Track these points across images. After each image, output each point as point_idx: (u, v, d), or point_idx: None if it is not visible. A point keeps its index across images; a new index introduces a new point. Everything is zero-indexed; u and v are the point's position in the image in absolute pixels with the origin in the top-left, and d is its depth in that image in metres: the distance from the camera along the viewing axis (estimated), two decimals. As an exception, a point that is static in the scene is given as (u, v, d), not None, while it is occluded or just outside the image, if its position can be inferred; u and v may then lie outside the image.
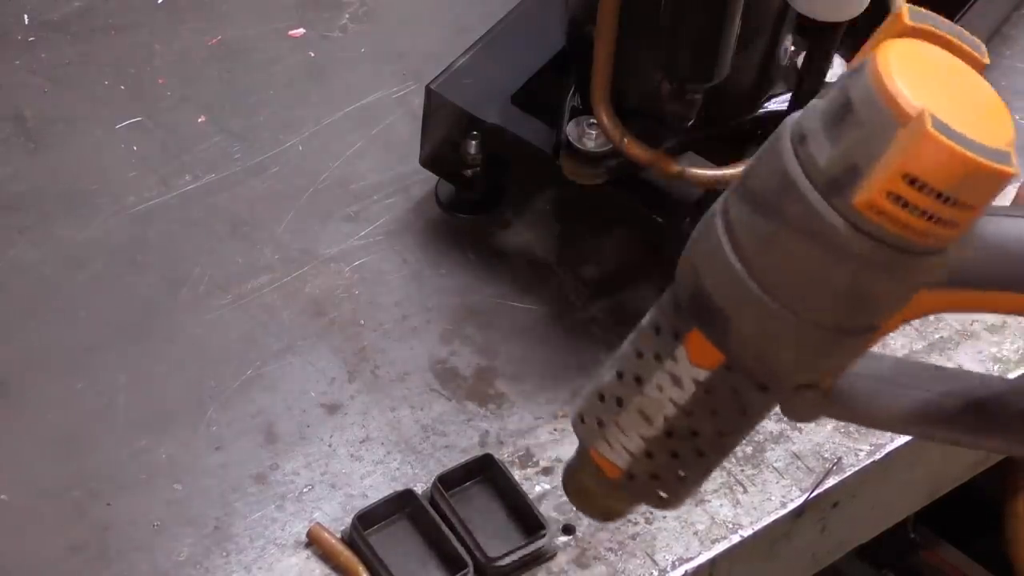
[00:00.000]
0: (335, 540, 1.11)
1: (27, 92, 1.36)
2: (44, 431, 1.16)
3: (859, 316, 0.78)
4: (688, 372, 0.82)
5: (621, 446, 0.85)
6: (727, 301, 0.78)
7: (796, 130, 0.76)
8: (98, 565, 1.10)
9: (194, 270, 1.26)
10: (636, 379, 0.84)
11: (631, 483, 0.86)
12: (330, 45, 1.41)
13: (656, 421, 0.83)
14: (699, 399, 0.82)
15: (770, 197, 0.76)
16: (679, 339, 0.81)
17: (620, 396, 0.85)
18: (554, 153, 1.19)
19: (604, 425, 0.85)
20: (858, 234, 0.74)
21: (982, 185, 0.73)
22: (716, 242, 0.78)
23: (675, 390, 0.82)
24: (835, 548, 1.25)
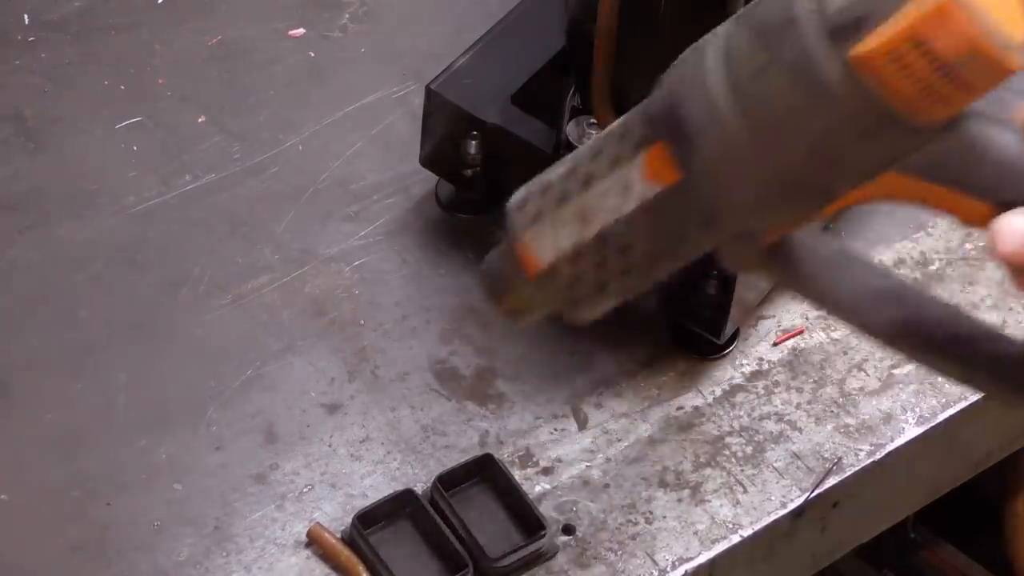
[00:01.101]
0: (335, 540, 1.11)
1: (27, 92, 1.36)
2: (44, 431, 1.16)
3: (825, 173, 0.77)
4: (639, 184, 0.80)
5: (551, 242, 0.84)
6: (700, 120, 0.77)
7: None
8: (98, 565, 1.10)
9: (194, 270, 1.26)
10: (585, 179, 0.82)
11: (548, 282, 0.85)
12: (330, 45, 1.41)
13: (593, 224, 0.82)
14: (642, 214, 0.81)
15: (772, 28, 0.75)
16: (640, 148, 0.80)
17: (565, 191, 0.83)
18: (554, 153, 1.19)
19: (539, 218, 0.84)
20: (848, 87, 0.73)
21: (985, 69, 0.72)
22: (703, 62, 0.78)
23: (621, 199, 0.81)
24: (835, 548, 1.25)
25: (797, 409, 1.21)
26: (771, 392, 1.22)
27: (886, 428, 1.21)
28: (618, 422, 1.20)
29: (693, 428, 1.20)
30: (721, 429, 1.20)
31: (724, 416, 1.20)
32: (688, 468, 1.18)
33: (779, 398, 1.22)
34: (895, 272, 0.90)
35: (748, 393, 1.22)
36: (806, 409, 1.21)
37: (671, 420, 1.20)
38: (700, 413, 1.21)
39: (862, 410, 1.21)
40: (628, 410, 1.20)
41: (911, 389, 1.23)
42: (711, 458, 1.18)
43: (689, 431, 1.20)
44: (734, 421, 1.20)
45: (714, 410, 1.21)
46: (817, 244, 0.84)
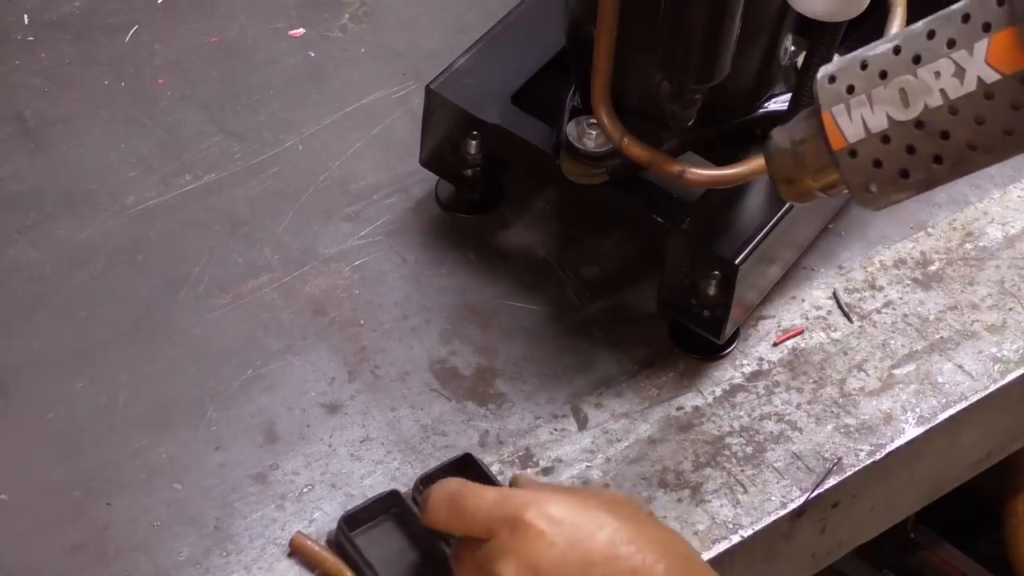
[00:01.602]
0: (318, 548, 1.11)
1: (27, 92, 1.36)
2: (44, 431, 1.16)
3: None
4: (978, 68, 0.77)
5: (861, 118, 0.80)
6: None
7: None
8: (98, 565, 1.10)
9: (194, 270, 1.26)
10: (914, 57, 0.78)
11: (850, 161, 0.81)
12: (330, 45, 1.41)
13: (914, 106, 0.78)
14: (973, 100, 0.77)
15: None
16: (987, 32, 0.76)
17: (887, 69, 0.79)
18: (554, 153, 1.19)
19: (854, 91, 0.80)
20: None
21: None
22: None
23: (953, 81, 0.77)
24: (835, 548, 1.25)
25: (797, 409, 1.21)
26: (771, 392, 1.22)
27: (886, 428, 1.21)
28: (618, 422, 1.20)
29: (693, 428, 1.20)
30: (721, 429, 1.20)
31: (724, 416, 1.20)
32: (688, 468, 1.18)
33: (779, 398, 1.22)
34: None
35: (748, 393, 1.22)
36: (806, 409, 1.21)
37: (671, 420, 1.20)
38: (700, 413, 1.21)
39: (862, 410, 1.21)
40: (628, 410, 1.20)
41: (911, 389, 1.23)
42: (711, 458, 1.18)
43: (689, 431, 1.20)
44: (734, 421, 1.20)
45: (714, 410, 1.21)
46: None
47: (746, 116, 1.20)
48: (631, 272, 1.28)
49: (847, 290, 1.28)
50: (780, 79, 1.20)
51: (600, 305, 1.26)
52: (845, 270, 1.29)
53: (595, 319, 1.25)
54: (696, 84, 1.11)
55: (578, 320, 1.25)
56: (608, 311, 1.26)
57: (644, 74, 1.14)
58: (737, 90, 1.18)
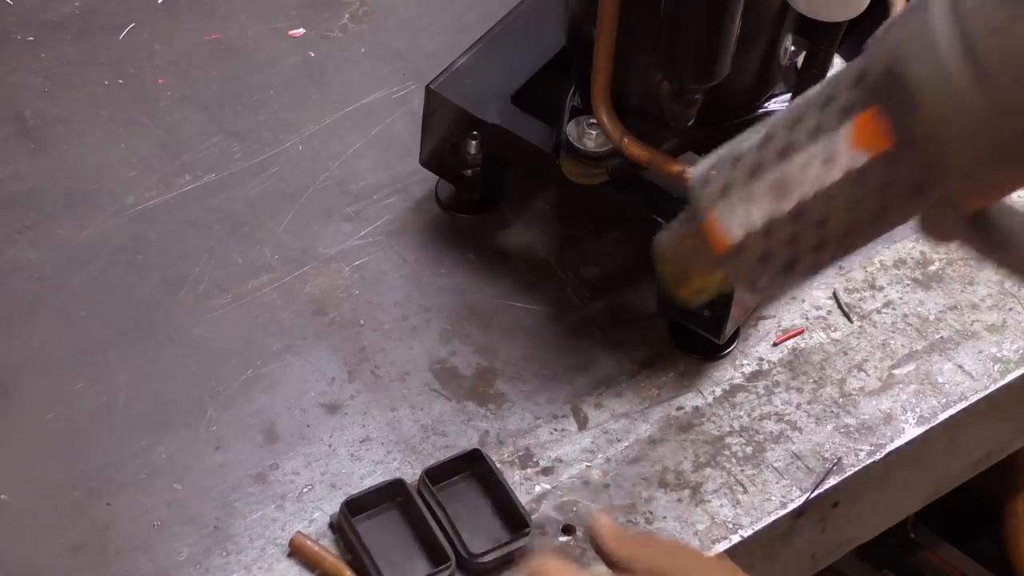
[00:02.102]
0: (318, 548, 1.11)
1: (27, 92, 1.36)
2: (44, 431, 1.16)
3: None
4: (846, 154, 0.77)
5: (741, 216, 0.80)
6: (927, 80, 0.73)
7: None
8: (98, 565, 1.10)
9: (194, 270, 1.26)
10: (783, 149, 0.79)
11: (736, 259, 0.81)
12: (330, 45, 1.41)
13: (789, 198, 0.78)
14: (845, 186, 0.77)
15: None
16: (849, 115, 0.77)
17: (758, 164, 0.79)
18: (554, 153, 1.19)
19: (729, 190, 0.80)
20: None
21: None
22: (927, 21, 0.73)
23: (823, 169, 0.77)
24: (835, 548, 1.25)
25: (797, 409, 1.21)
26: (771, 392, 1.22)
27: (886, 428, 1.21)
28: (618, 422, 1.20)
29: (693, 428, 1.20)
30: (721, 429, 1.20)
31: (724, 416, 1.20)
32: (688, 468, 1.18)
33: (779, 398, 1.22)
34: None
35: (748, 393, 1.22)
36: (806, 409, 1.21)
37: (671, 420, 1.20)
38: (700, 413, 1.21)
39: (862, 410, 1.21)
40: (628, 410, 1.20)
41: (911, 389, 1.23)
42: (711, 458, 1.18)
43: (689, 431, 1.20)
44: (734, 421, 1.20)
45: (714, 410, 1.21)
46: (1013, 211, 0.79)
47: (746, 116, 1.20)
48: (631, 272, 1.28)
49: (847, 290, 1.28)
50: (780, 79, 1.20)
51: (600, 305, 1.26)
52: (845, 270, 1.29)
53: (595, 319, 1.25)
54: (696, 84, 1.11)
55: (578, 320, 1.25)
56: (608, 311, 1.26)
57: (644, 74, 1.14)
58: (737, 90, 1.18)
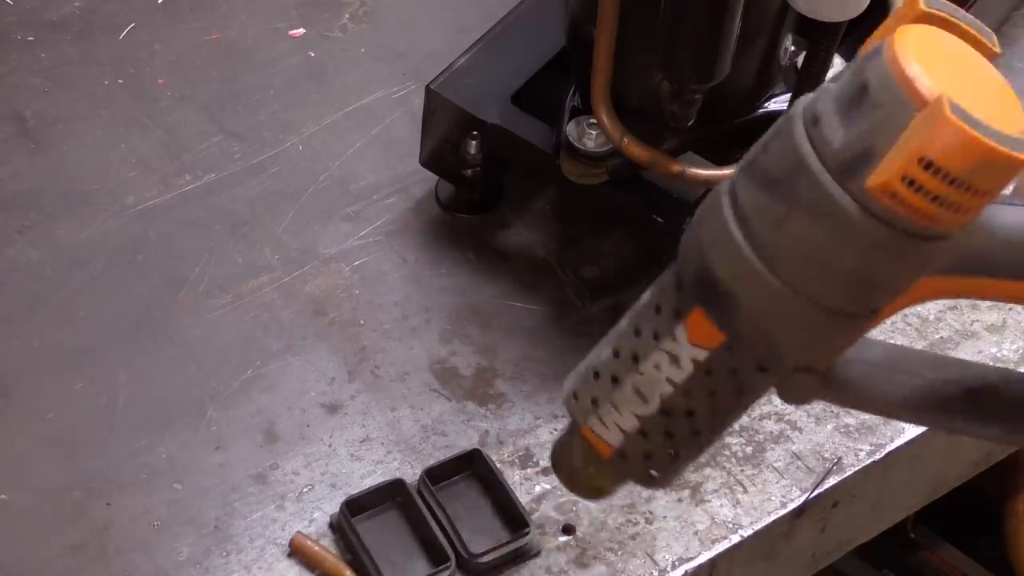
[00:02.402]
0: (318, 548, 1.11)
1: (27, 92, 1.36)
2: (44, 431, 1.16)
3: (864, 299, 0.78)
4: (687, 352, 0.81)
5: (615, 424, 0.84)
6: (734, 281, 0.78)
7: (809, 112, 0.76)
8: (98, 565, 1.10)
9: (194, 270, 1.26)
10: (633, 357, 0.83)
11: (623, 462, 0.85)
12: (330, 45, 1.41)
13: (652, 400, 0.83)
14: (697, 379, 0.81)
15: (782, 178, 0.76)
16: (680, 318, 0.81)
17: (615, 374, 0.84)
18: (554, 153, 1.19)
19: (598, 403, 0.85)
20: (870, 217, 0.74)
21: (997, 171, 0.73)
22: (723, 222, 0.78)
23: (672, 369, 0.82)
24: (835, 548, 1.25)
25: (797, 409, 1.21)
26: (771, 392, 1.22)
27: (886, 428, 1.21)
28: (618, 422, 1.20)
29: (693, 428, 1.20)
30: (721, 429, 1.20)
31: (724, 416, 1.20)
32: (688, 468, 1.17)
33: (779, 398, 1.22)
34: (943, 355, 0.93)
35: (748, 393, 1.22)
36: (806, 409, 1.21)
37: (671, 420, 1.20)
38: (700, 413, 1.20)
39: (862, 410, 1.21)
40: (628, 410, 1.20)
41: (911, 389, 1.23)
42: (711, 458, 1.18)
43: (689, 431, 1.19)
44: (734, 421, 1.20)
45: (714, 410, 1.21)
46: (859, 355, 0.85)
47: (746, 116, 1.20)
48: (631, 272, 1.28)
49: (847, 290, 1.28)
50: (780, 79, 1.20)
51: (600, 305, 1.26)
52: (845, 270, 1.29)
53: (595, 319, 1.25)
54: (696, 84, 1.11)
55: (578, 320, 1.25)
56: (608, 311, 1.25)
57: (644, 74, 1.14)
58: (737, 90, 1.18)
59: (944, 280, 0.79)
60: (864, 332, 0.81)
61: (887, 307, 0.80)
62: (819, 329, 0.79)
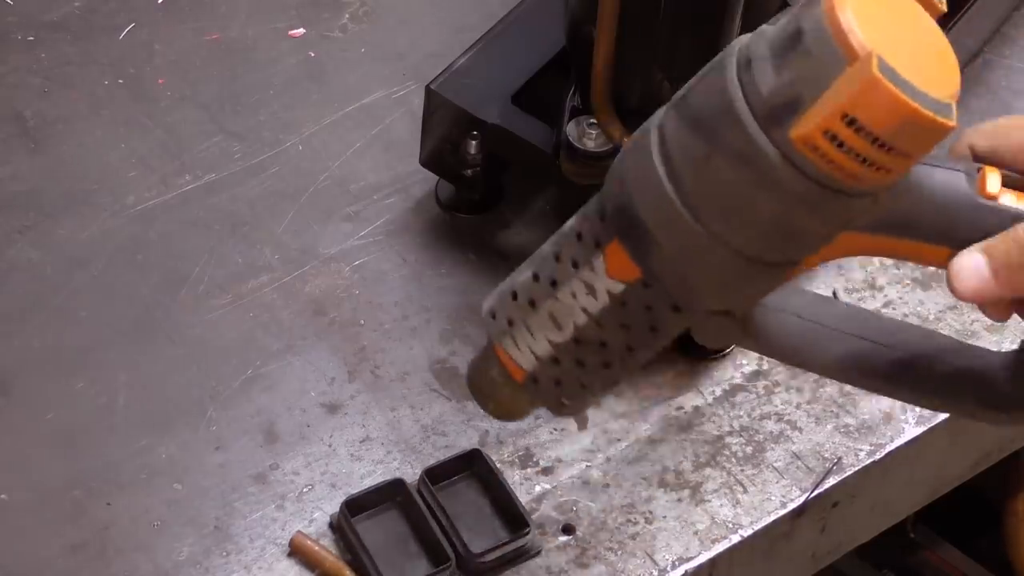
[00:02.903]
0: (318, 548, 1.11)
1: (27, 92, 1.36)
2: (44, 431, 1.16)
3: (782, 249, 0.77)
4: (603, 283, 0.80)
5: (528, 348, 0.84)
6: (652, 218, 0.77)
7: (743, 54, 0.75)
8: (98, 565, 1.10)
9: (194, 270, 1.26)
10: (551, 282, 0.83)
11: (534, 386, 0.85)
12: (330, 45, 1.41)
13: (566, 327, 0.82)
14: (611, 311, 0.81)
15: (708, 119, 0.75)
16: (599, 248, 0.80)
17: (533, 297, 0.83)
18: (554, 153, 1.19)
19: (514, 324, 0.84)
20: (791, 168, 0.73)
21: (921, 135, 0.72)
22: (648, 158, 0.77)
23: (588, 299, 0.81)
24: (835, 548, 1.25)
25: (797, 409, 1.21)
26: (771, 392, 1.22)
27: (886, 428, 1.21)
28: (618, 422, 1.20)
29: (693, 428, 1.20)
30: (721, 429, 1.20)
31: (724, 416, 1.20)
32: (688, 468, 1.18)
33: (779, 398, 1.22)
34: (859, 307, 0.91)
35: (748, 393, 1.22)
36: (806, 409, 1.21)
37: (671, 420, 1.20)
38: (700, 413, 1.21)
39: (862, 410, 1.21)
40: (628, 410, 1.20)
41: (911, 389, 1.23)
42: (711, 458, 1.18)
43: (689, 431, 1.20)
44: (734, 421, 1.20)
45: (714, 410, 1.21)
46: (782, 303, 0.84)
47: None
48: (631, 272, 1.28)
49: (847, 290, 1.28)
50: (780, 79, 1.20)
51: (600, 305, 1.26)
52: (844, 269, 1.29)
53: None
54: (696, 84, 1.11)
55: (578, 320, 1.25)
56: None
57: (644, 74, 1.14)
58: (737, 90, 1.17)
59: (866, 237, 0.78)
60: (782, 281, 0.80)
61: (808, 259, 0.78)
62: (736, 275, 0.77)
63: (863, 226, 0.77)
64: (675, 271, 0.78)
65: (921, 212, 0.78)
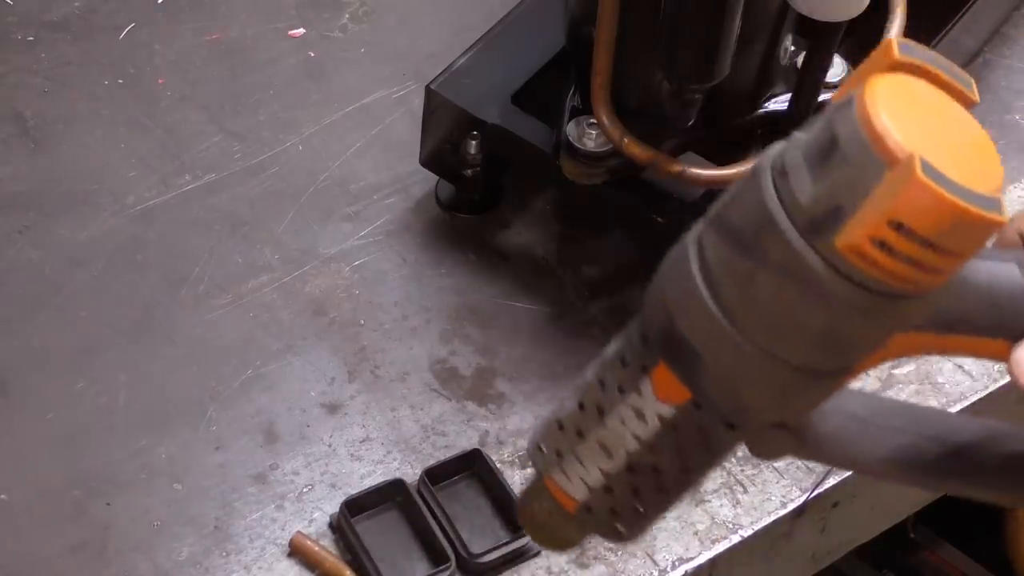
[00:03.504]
0: (318, 548, 1.11)
1: (27, 92, 1.36)
2: (44, 431, 1.16)
3: (835, 358, 0.75)
4: (653, 407, 0.78)
5: (580, 478, 0.82)
6: (699, 339, 0.75)
7: (777, 164, 0.73)
8: (98, 565, 1.10)
9: (194, 270, 1.26)
10: (598, 410, 0.80)
11: (588, 516, 0.83)
12: (330, 45, 1.41)
13: (617, 455, 0.80)
14: (663, 435, 0.79)
15: (748, 234, 0.73)
16: (646, 372, 0.78)
17: (580, 427, 0.81)
18: (554, 153, 1.19)
19: (563, 456, 0.82)
20: (839, 278, 0.71)
21: (971, 233, 0.70)
22: (689, 277, 0.75)
23: (638, 424, 0.79)
24: (835, 548, 1.25)
25: (797, 409, 1.21)
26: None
27: (886, 428, 1.21)
28: (618, 422, 1.20)
29: (693, 428, 1.20)
30: (721, 429, 1.20)
31: (724, 416, 1.20)
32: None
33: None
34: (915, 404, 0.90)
35: (748, 393, 1.22)
36: (806, 409, 1.21)
37: (671, 420, 1.20)
38: (700, 413, 1.20)
39: (862, 410, 1.21)
40: (628, 410, 1.20)
41: (911, 389, 1.23)
42: (711, 458, 1.18)
43: (689, 431, 1.19)
44: (734, 421, 1.20)
45: (714, 410, 1.21)
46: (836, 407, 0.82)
47: (746, 116, 1.20)
48: (631, 272, 1.28)
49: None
50: (780, 79, 1.20)
51: (600, 305, 1.26)
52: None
53: (595, 319, 1.25)
54: (696, 84, 1.11)
55: (578, 320, 1.25)
56: (608, 311, 1.25)
57: (644, 74, 1.14)
58: (737, 90, 1.18)
59: (919, 336, 0.76)
60: (838, 389, 0.79)
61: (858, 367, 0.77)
62: (788, 388, 0.76)
63: (916, 326, 0.76)
64: (726, 390, 0.76)
65: (975, 307, 0.76)
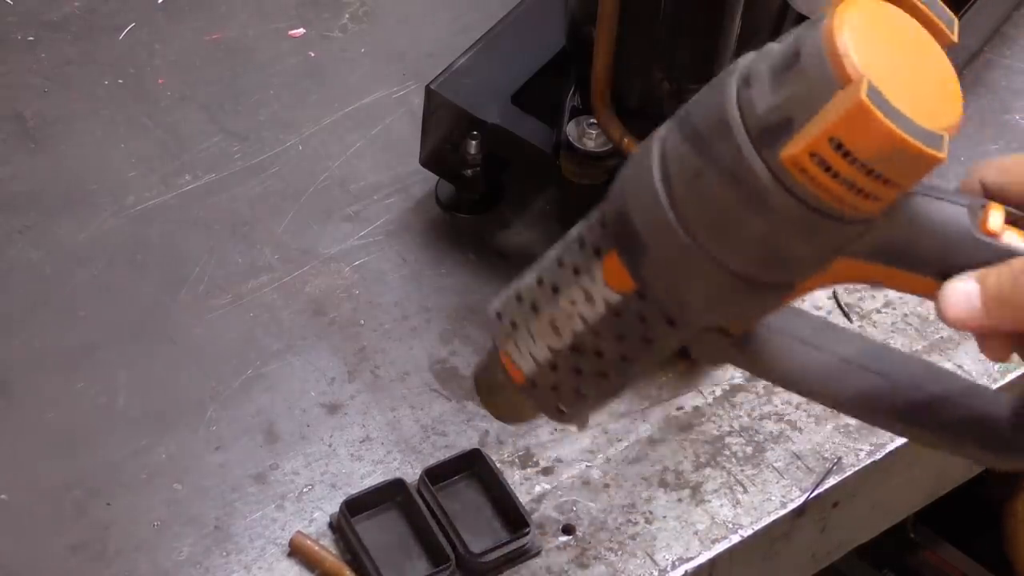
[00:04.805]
0: (318, 548, 1.11)
1: (27, 92, 1.36)
2: (44, 431, 1.16)
3: (772, 271, 0.76)
4: (601, 292, 0.80)
5: (529, 352, 0.84)
6: (646, 228, 0.77)
7: (744, 71, 0.75)
8: (98, 565, 1.10)
9: (194, 270, 1.26)
10: (553, 288, 0.83)
11: (533, 391, 0.85)
12: (330, 45, 1.41)
13: (564, 334, 0.82)
14: (607, 320, 0.81)
15: (704, 133, 0.75)
16: (599, 257, 0.80)
17: (536, 302, 0.84)
18: (554, 153, 1.20)
19: (517, 328, 0.84)
20: (780, 189, 0.73)
21: (908, 164, 0.71)
22: (647, 168, 0.77)
23: (587, 306, 0.81)
24: (835, 548, 1.25)
25: (797, 409, 1.21)
26: (771, 392, 1.22)
27: (886, 428, 1.21)
28: (618, 422, 1.20)
29: (693, 428, 1.20)
30: (721, 429, 1.20)
31: (724, 416, 1.20)
32: (688, 468, 1.18)
33: (779, 398, 1.22)
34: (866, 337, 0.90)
35: (748, 393, 1.22)
36: (806, 409, 1.21)
37: (671, 420, 1.20)
38: (700, 413, 1.21)
39: (862, 410, 1.21)
40: (628, 410, 1.20)
41: (911, 389, 1.23)
42: (711, 458, 1.18)
43: (689, 431, 1.20)
44: (734, 421, 1.20)
45: (714, 410, 1.21)
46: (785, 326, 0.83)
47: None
48: (631, 272, 1.28)
49: (847, 290, 1.28)
50: (780, 79, 1.20)
51: (600, 305, 1.26)
52: (845, 270, 1.29)
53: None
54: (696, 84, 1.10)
55: (578, 320, 1.25)
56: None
57: (644, 74, 1.14)
58: (737, 90, 1.17)
59: (860, 264, 0.77)
60: (778, 305, 0.79)
61: (802, 283, 0.78)
62: (725, 292, 0.77)
63: (857, 253, 0.77)
64: (666, 282, 0.78)
65: (917, 243, 0.77)
